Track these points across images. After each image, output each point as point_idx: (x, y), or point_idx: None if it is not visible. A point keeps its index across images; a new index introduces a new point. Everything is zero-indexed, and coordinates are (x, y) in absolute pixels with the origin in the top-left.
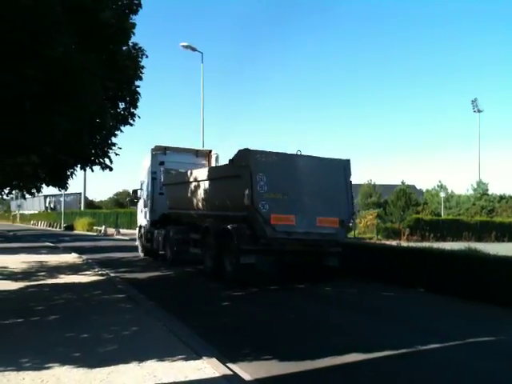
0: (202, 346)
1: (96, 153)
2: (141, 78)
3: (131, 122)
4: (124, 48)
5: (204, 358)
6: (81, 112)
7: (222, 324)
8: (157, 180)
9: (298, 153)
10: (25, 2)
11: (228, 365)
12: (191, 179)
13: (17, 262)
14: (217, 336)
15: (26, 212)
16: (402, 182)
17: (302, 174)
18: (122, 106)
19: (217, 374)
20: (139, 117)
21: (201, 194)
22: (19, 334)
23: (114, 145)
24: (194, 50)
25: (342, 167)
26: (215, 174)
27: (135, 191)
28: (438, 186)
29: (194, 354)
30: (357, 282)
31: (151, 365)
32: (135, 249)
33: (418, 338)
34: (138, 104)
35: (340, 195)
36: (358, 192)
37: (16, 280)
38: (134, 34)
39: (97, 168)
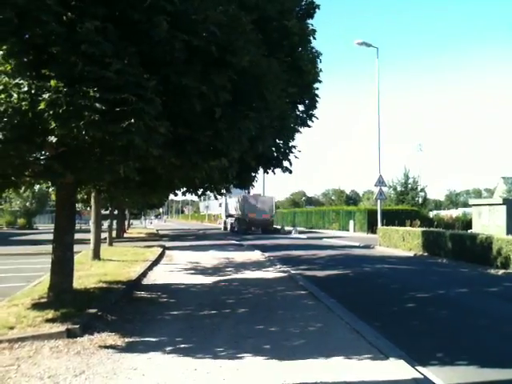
0: (388, 346)
1: (278, 156)
2: (319, 81)
3: (309, 123)
4: (303, 53)
5: (391, 359)
6: (265, 116)
7: (407, 325)
8: (226, 199)
9: (260, 193)
10: (215, 18)
11: (418, 368)
12: (230, 201)
13: (207, 258)
14: (403, 337)
15: (213, 212)
16: None
17: (259, 201)
18: (301, 108)
19: (406, 377)
20: (317, 118)
21: (232, 207)
22: (214, 325)
23: (294, 147)
24: (368, 45)
25: (272, 198)
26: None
27: (220, 203)
28: None
29: (381, 355)
30: None
31: (338, 362)
32: (313, 247)
33: None
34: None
35: (270, 208)
36: None
37: (208, 275)
38: (314, 39)
39: (277, 170)
